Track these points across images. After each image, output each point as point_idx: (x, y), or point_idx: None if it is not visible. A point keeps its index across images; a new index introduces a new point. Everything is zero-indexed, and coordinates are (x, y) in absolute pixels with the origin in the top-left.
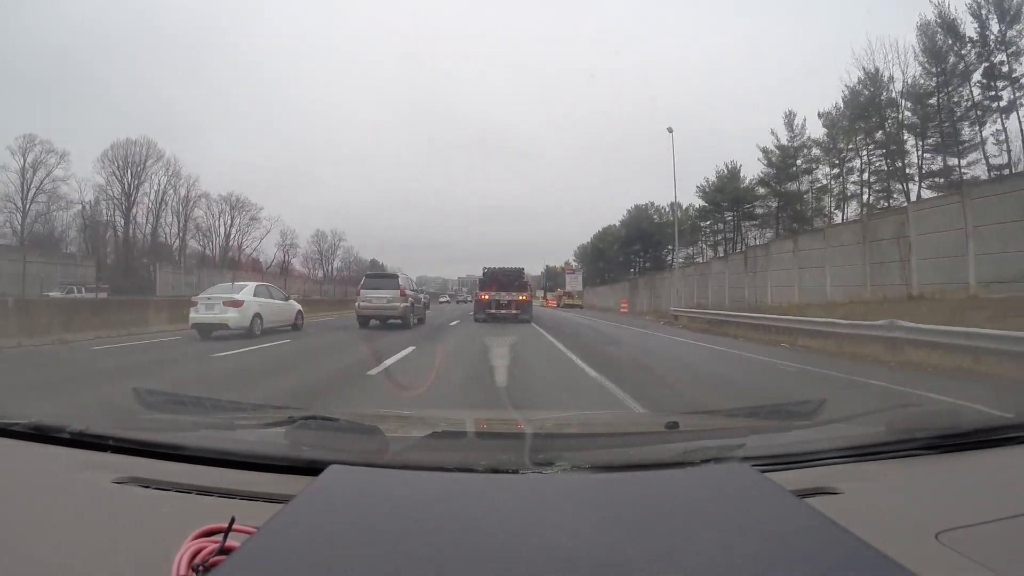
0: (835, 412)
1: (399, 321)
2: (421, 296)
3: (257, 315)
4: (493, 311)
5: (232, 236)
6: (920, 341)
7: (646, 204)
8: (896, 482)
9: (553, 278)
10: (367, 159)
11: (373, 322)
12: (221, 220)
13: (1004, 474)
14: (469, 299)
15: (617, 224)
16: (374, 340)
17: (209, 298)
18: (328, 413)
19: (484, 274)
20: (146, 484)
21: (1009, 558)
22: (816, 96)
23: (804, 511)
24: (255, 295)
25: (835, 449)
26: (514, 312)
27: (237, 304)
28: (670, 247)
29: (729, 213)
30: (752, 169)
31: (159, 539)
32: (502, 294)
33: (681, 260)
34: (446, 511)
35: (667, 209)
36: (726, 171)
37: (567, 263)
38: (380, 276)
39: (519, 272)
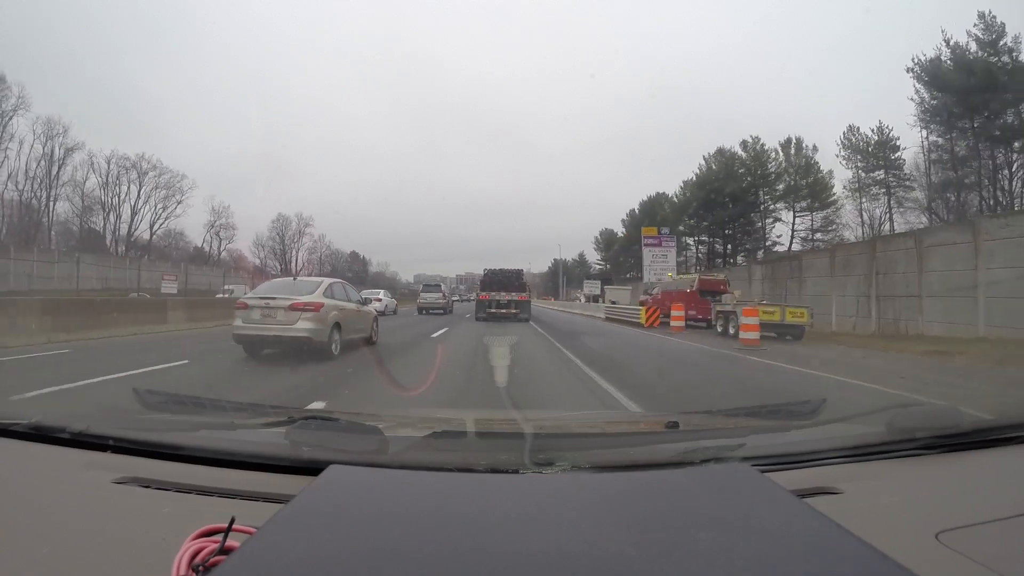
0: (835, 412)
1: (441, 311)
2: (451, 297)
3: (387, 305)
4: (494, 310)
5: (141, 212)
6: None
7: (750, 140)
8: (896, 482)
9: (565, 273)
10: (360, 153)
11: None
12: (115, 189)
13: (1004, 474)
14: (471, 298)
15: (679, 188)
16: (439, 318)
17: (368, 296)
18: (328, 413)
19: (485, 275)
20: (146, 484)
21: (1009, 558)
22: None
23: (804, 511)
24: (383, 296)
25: (835, 449)
26: (513, 311)
27: (380, 300)
28: (777, 214)
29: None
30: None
31: (159, 539)
32: (502, 294)
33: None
34: (446, 511)
35: (776, 151)
36: (981, 25)
37: (651, 227)
38: (431, 285)
39: (518, 273)
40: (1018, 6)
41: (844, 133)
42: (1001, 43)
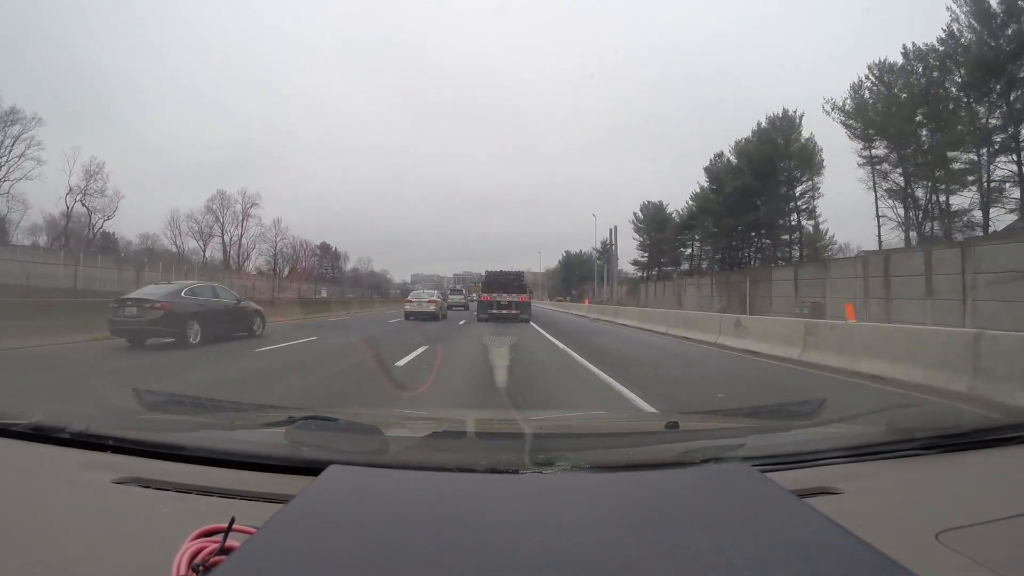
0: (835, 412)
1: (463, 308)
2: (468, 298)
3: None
4: (495, 311)
5: None
6: None
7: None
8: (896, 482)
9: (573, 268)
10: (359, 153)
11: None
12: None
13: (1004, 474)
14: (474, 298)
15: (847, 91)
16: (465, 312)
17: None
18: (328, 413)
19: (487, 277)
20: (146, 484)
21: (1009, 558)
22: None
23: (804, 511)
24: (439, 297)
25: (835, 449)
26: (514, 312)
27: (436, 301)
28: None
29: None
30: None
31: (159, 539)
32: (503, 295)
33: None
34: (446, 511)
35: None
36: None
37: None
38: (456, 290)
39: (519, 275)
40: None
41: None
42: None
